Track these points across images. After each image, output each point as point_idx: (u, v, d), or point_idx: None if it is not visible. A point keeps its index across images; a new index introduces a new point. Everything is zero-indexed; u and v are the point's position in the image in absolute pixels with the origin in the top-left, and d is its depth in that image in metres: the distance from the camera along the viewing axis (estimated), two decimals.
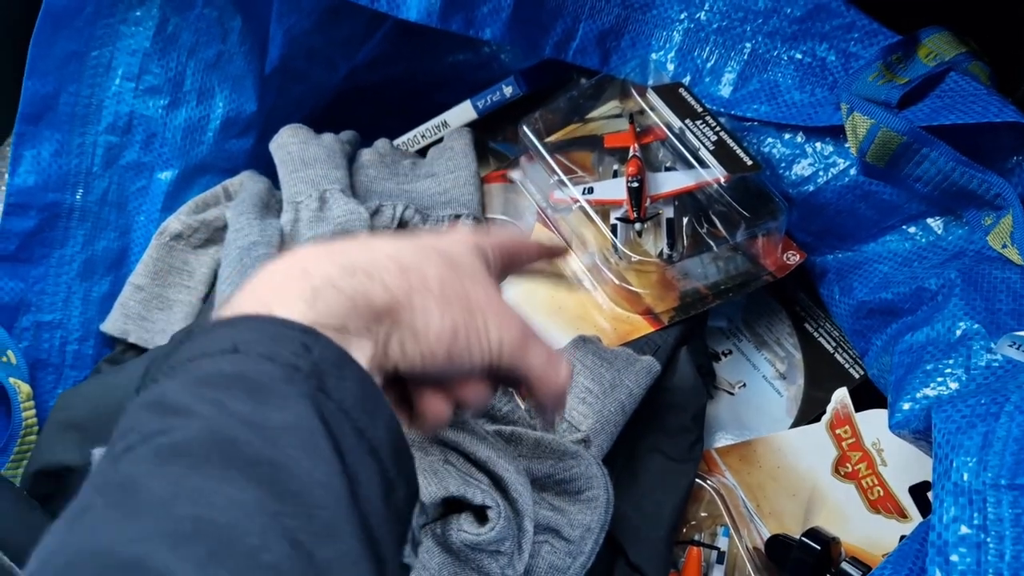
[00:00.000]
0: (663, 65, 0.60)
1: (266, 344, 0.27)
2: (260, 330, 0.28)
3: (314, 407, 0.26)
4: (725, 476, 0.57)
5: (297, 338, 0.28)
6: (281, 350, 0.27)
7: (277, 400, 0.26)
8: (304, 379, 0.27)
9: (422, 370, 0.33)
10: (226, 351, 0.27)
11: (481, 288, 0.34)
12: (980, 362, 0.45)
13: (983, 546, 0.35)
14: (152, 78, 0.60)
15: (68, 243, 0.60)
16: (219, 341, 0.28)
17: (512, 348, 0.34)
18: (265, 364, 0.27)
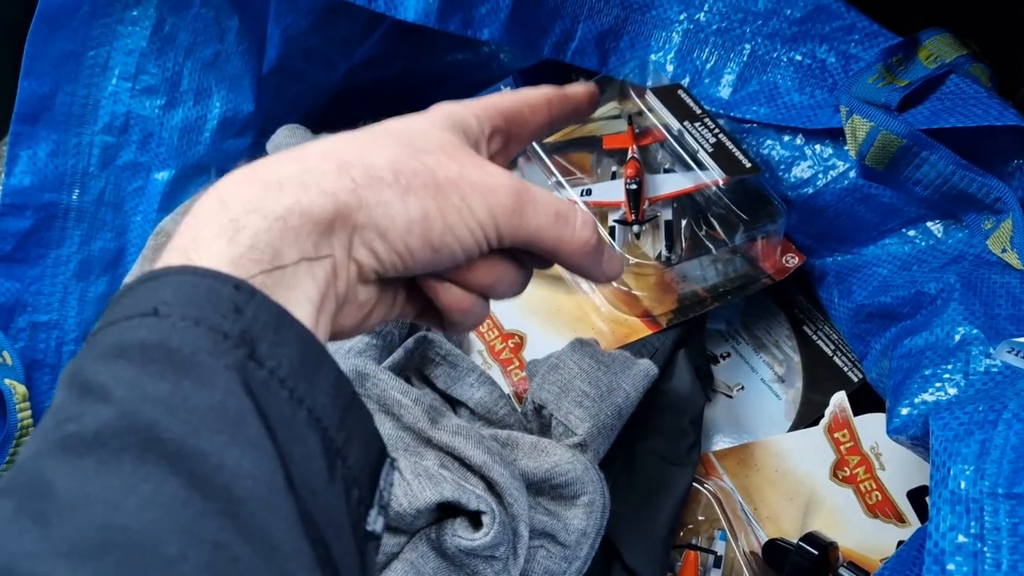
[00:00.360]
0: (662, 66, 0.60)
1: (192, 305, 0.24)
2: (186, 287, 0.24)
3: (242, 381, 0.23)
4: (723, 479, 0.57)
5: (228, 296, 0.24)
6: (209, 312, 0.24)
7: (200, 374, 0.23)
8: (233, 347, 0.23)
9: (406, 268, 0.29)
10: (146, 314, 0.24)
11: (451, 161, 0.29)
12: (979, 368, 0.45)
13: (980, 555, 0.34)
14: (149, 78, 0.60)
15: (64, 243, 0.60)
16: (140, 302, 0.24)
17: (505, 217, 0.30)
18: (189, 331, 0.23)
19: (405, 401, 0.47)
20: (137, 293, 0.24)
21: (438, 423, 0.48)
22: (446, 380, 0.51)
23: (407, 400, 0.47)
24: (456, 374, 0.51)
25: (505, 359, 0.57)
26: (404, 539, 0.45)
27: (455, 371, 0.51)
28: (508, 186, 0.30)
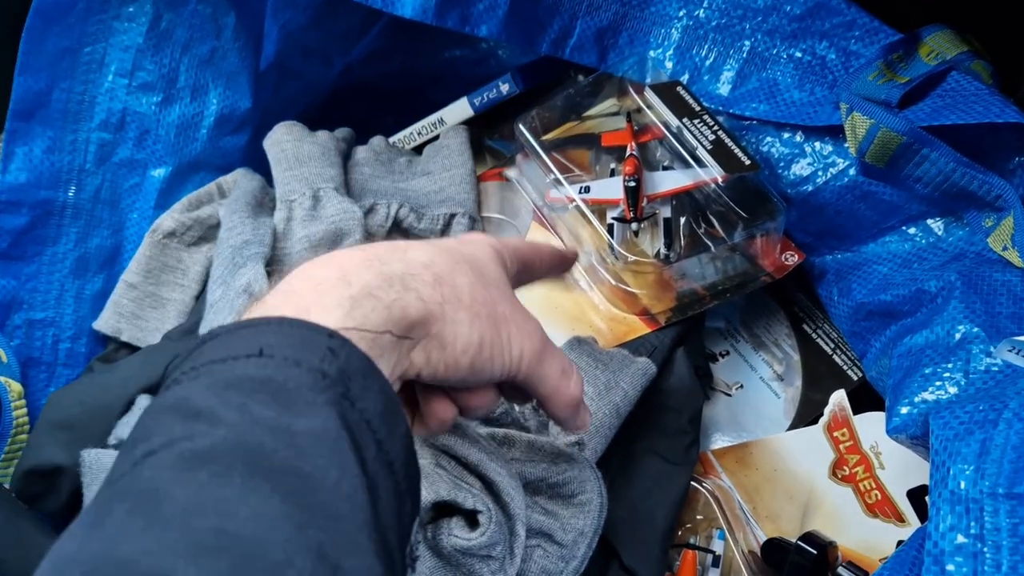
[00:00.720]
0: (661, 63, 0.59)
1: (293, 348, 0.27)
2: (287, 334, 0.28)
3: (339, 415, 0.26)
4: (721, 478, 0.56)
5: (324, 343, 0.27)
6: (308, 355, 0.27)
7: (303, 406, 0.26)
8: (330, 385, 0.27)
9: (442, 379, 0.33)
10: (252, 355, 0.27)
11: (506, 299, 0.35)
12: (979, 366, 0.45)
13: (980, 556, 0.34)
14: (145, 74, 0.59)
15: (61, 240, 0.60)
16: (245, 344, 0.27)
17: (531, 361, 0.35)
18: (291, 369, 0.26)
19: None
20: (240, 336, 0.28)
21: None
22: None
23: None
24: None
25: None
26: None
27: None
28: (539, 334, 0.36)
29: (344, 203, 0.55)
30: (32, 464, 0.52)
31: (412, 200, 0.59)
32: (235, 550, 0.22)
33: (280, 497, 0.23)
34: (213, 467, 0.24)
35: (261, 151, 0.62)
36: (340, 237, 0.54)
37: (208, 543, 0.22)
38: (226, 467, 0.24)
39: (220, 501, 0.23)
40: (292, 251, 0.54)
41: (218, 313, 0.50)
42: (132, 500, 0.23)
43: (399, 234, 0.59)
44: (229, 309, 0.50)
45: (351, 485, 0.25)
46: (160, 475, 0.24)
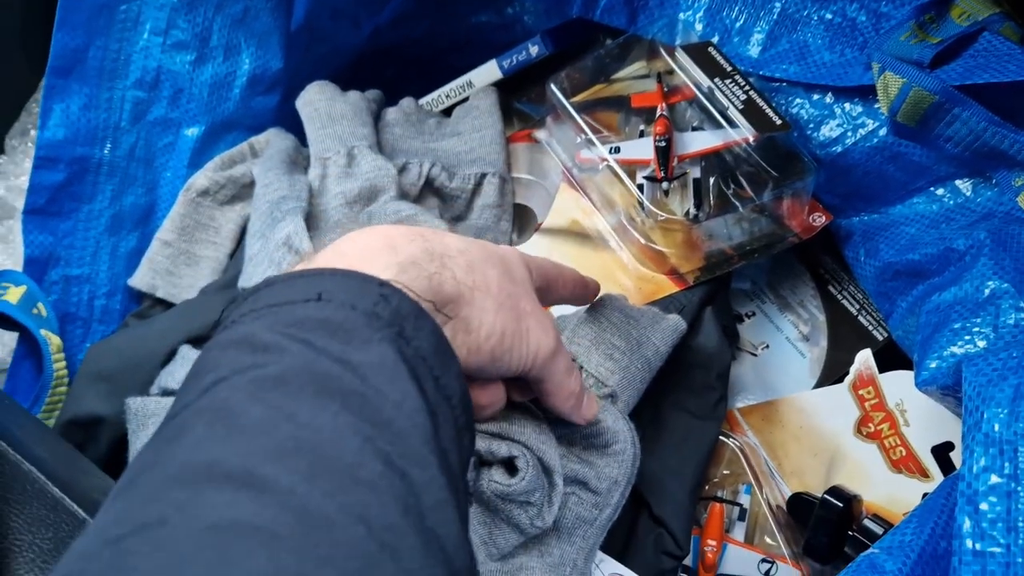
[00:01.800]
0: (691, 25, 0.60)
1: (348, 294, 0.29)
2: (341, 282, 0.30)
3: (396, 350, 0.28)
4: (748, 435, 0.57)
5: (376, 290, 0.30)
6: (362, 300, 0.29)
7: (361, 342, 0.28)
8: (385, 325, 0.29)
9: (464, 365, 0.34)
10: (310, 299, 0.29)
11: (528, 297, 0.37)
12: (1009, 320, 0.45)
13: (1014, 495, 0.35)
14: (179, 33, 0.60)
15: (96, 198, 0.60)
16: (302, 290, 0.29)
17: (544, 356, 0.37)
18: (348, 311, 0.28)
19: None
20: (297, 284, 0.30)
21: None
22: None
23: None
24: None
25: None
26: None
27: None
28: (555, 332, 0.39)
29: (379, 160, 0.56)
30: (72, 415, 0.53)
31: (443, 160, 0.60)
32: (312, 453, 0.23)
33: (348, 413, 0.25)
34: (284, 388, 0.25)
35: (292, 113, 0.63)
36: (375, 193, 0.55)
37: (287, 446, 0.23)
38: (297, 388, 0.25)
39: (293, 415, 0.25)
40: (328, 207, 0.55)
41: (257, 266, 0.51)
42: (208, 416, 0.25)
43: (431, 193, 0.60)
44: (268, 262, 0.50)
45: (412, 407, 0.27)
46: (235, 395, 0.25)
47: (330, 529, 0.22)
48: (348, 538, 0.22)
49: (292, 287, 0.30)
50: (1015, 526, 0.34)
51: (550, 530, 0.47)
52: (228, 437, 0.24)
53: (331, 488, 0.23)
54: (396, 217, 0.52)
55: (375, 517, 0.23)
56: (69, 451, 0.42)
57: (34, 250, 0.59)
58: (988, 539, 0.35)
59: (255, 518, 0.21)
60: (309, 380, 0.26)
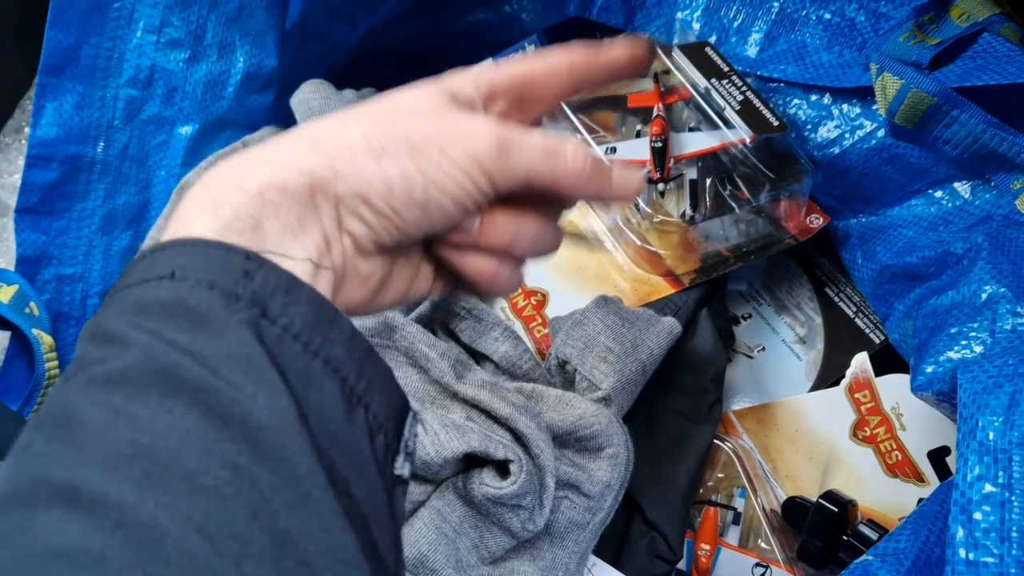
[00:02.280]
0: (689, 24, 0.59)
1: (205, 270, 0.25)
2: (200, 255, 0.26)
3: (255, 334, 0.25)
4: (743, 438, 0.57)
5: (239, 264, 0.26)
6: (221, 277, 0.25)
7: (215, 327, 0.25)
8: (245, 307, 0.25)
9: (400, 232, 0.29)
10: (163, 277, 0.25)
11: (425, 120, 0.30)
12: (1006, 325, 0.45)
13: (1007, 504, 0.35)
14: (173, 31, 0.59)
15: (89, 196, 0.60)
16: (157, 266, 0.26)
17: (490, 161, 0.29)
18: (203, 291, 0.25)
19: (432, 355, 0.47)
20: (153, 259, 0.26)
21: (464, 377, 0.48)
22: (471, 334, 0.51)
23: (434, 354, 0.47)
24: (481, 328, 0.51)
25: (527, 316, 0.57)
26: (431, 488, 0.46)
27: (480, 325, 0.51)
28: (487, 132, 0.30)
29: None
30: None
31: None
32: (149, 458, 0.22)
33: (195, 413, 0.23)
34: (126, 387, 0.23)
35: (286, 111, 0.62)
36: None
37: (122, 452, 0.22)
38: (140, 387, 0.23)
39: (133, 417, 0.22)
40: None
41: None
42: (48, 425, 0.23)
43: None
44: None
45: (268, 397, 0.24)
46: (73, 399, 0.23)
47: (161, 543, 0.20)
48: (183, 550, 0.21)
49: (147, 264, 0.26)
50: (1008, 536, 0.34)
51: (542, 534, 0.46)
52: (62, 448, 0.22)
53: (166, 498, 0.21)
54: None
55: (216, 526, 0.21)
56: None
57: (26, 249, 0.59)
58: (981, 549, 0.35)
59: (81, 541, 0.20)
60: (153, 377, 0.23)
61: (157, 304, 0.25)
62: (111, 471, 0.21)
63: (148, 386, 0.23)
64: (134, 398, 0.23)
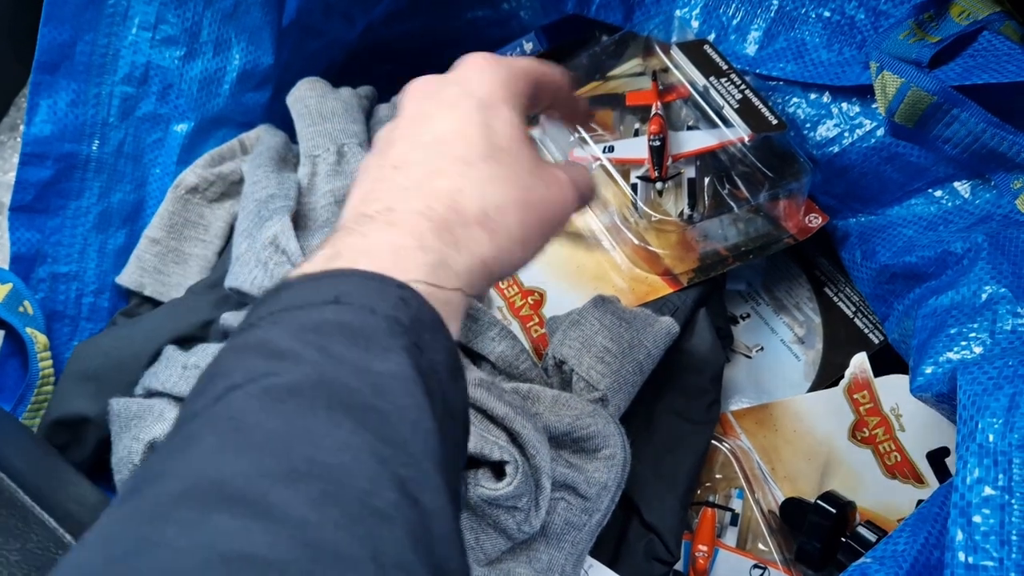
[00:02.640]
0: (687, 22, 0.59)
1: (366, 296, 0.28)
2: (360, 283, 0.29)
3: (412, 362, 0.27)
4: (741, 439, 0.57)
5: (395, 292, 0.28)
6: (381, 303, 0.28)
7: (380, 350, 0.26)
8: (404, 332, 0.27)
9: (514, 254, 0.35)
10: (328, 301, 0.28)
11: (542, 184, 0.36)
12: (1006, 326, 0.45)
13: (1007, 507, 0.34)
14: (169, 28, 0.59)
15: (84, 194, 0.60)
16: (320, 292, 0.28)
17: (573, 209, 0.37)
18: (367, 316, 0.27)
19: None
20: (316, 286, 0.29)
21: None
22: (467, 333, 0.51)
23: None
24: (478, 328, 0.51)
25: (525, 315, 0.56)
26: None
27: (476, 325, 0.51)
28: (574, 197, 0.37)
29: None
30: (58, 415, 0.52)
31: None
32: (325, 476, 0.22)
33: (363, 431, 0.24)
34: (299, 400, 0.24)
35: (283, 109, 0.62)
36: None
37: (300, 469, 0.22)
38: (311, 401, 0.24)
39: (307, 431, 0.23)
40: (316, 206, 0.54)
41: (244, 265, 0.50)
42: (220, 427, 0.24)
43: None
44: (255, 261, 0.50)
45: (426, 427, 0.26)
46: (248, 405, 0.24)
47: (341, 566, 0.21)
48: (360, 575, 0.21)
49: (311, 289, 0.29)
50: (1008, 540, 0.34)
51: (538, 535, 0.46)
52: (239, 453, 0.23)
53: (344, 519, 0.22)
54: None
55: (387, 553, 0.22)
56: (47, 457, 0.41)
57: (21, 247, 0.58)
58: (981, 552, 0.34)
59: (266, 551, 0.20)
60: (324, 392, 0.25)
61: (325, 325, 0.27)
62: (292, 485, 0.22)
63: (318, 399, 0.24)
64: (306, 411, 0.24)
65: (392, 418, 0.25)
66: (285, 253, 0.49)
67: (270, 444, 0.23)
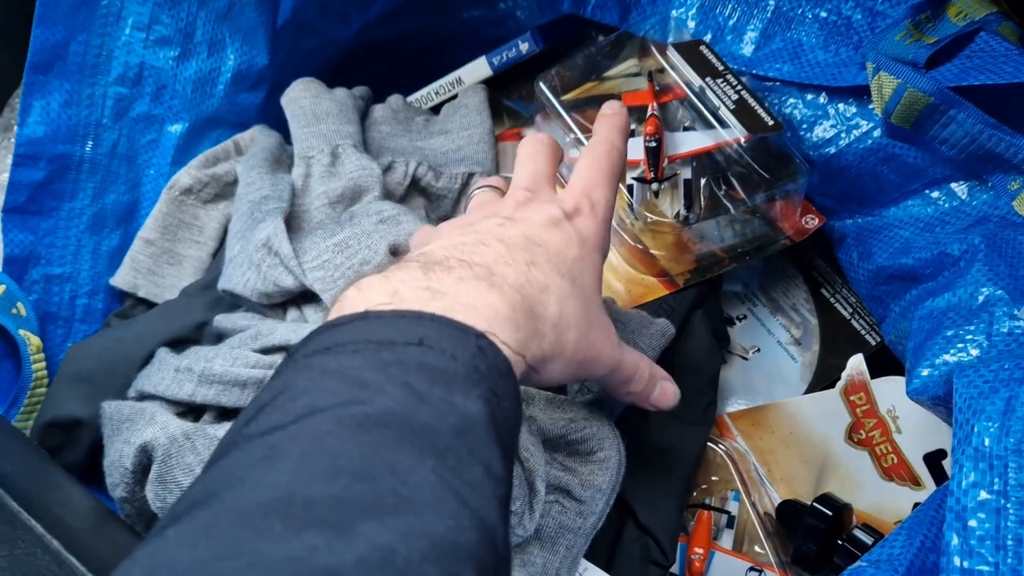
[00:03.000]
0: (684, 22, 0.59)
1: (449, 342, 0.30)
2: (442, 329, 0.30)
3: (489, 410, 0.29)
4: (737, 441, 0.56)
5: (473, 342, 0.30)
6: (462, 351, 0.30)
7: (460, 395, 0.28)
8: (482, 380, 0.29)
9: None
10: (412, 343, 0.29)
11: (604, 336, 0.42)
12: (1003, 328, 0.44)
13: (1003, 511, 0.34)
14: (162, 28, 0.59)
15: (78, 196, 0.60)
16: (403, 331, 0.30)
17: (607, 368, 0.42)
18: (449, 361, 0.29)
19: None
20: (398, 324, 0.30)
21: None
22: None
23: None
24: None
25: None
26: None
27: None
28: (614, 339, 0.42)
29: (363, 159, 0.55)
30: (51, 417, 0.52)
31: (430, 159, 0.59)
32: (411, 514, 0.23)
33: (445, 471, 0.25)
34: (384, 432, 0.25)
35: (277, 109, 0.62)
36: (359, 193, 0.54)
37: (387, 502, 0.23)
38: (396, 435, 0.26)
39: (393, 465, 0.25)
40: (311, 207, 0.54)
41: (237, 267, 0.50)
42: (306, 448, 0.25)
43: (417, 192, 0.59)
44: (248, 263, 0.49)
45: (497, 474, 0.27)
46: (334, 430, 0.25)
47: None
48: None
49: (391, 326, 0.30)
50: (1004, 544, 0.34)
51: (532, 538, 0.46)
52: (328, 477, 0.24)
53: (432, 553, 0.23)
54: (378, 217, 0.51)
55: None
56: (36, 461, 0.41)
57: (14, 249, 0.58)
58: (976, 557, 0.34)
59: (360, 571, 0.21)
60: (408, 428, 0.26)
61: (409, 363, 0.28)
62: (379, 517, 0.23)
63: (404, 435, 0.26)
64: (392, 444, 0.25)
65: (470, 461, 0.26)
66: (278, 255, 0.49)
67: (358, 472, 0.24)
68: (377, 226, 0.50)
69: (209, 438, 0.43)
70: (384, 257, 0.48)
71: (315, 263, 0.49)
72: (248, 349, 0.47)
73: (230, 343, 0.49)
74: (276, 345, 0.47)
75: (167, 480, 0.42)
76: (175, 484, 0.42)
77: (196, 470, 0.42)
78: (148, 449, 0.43)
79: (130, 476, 0.44)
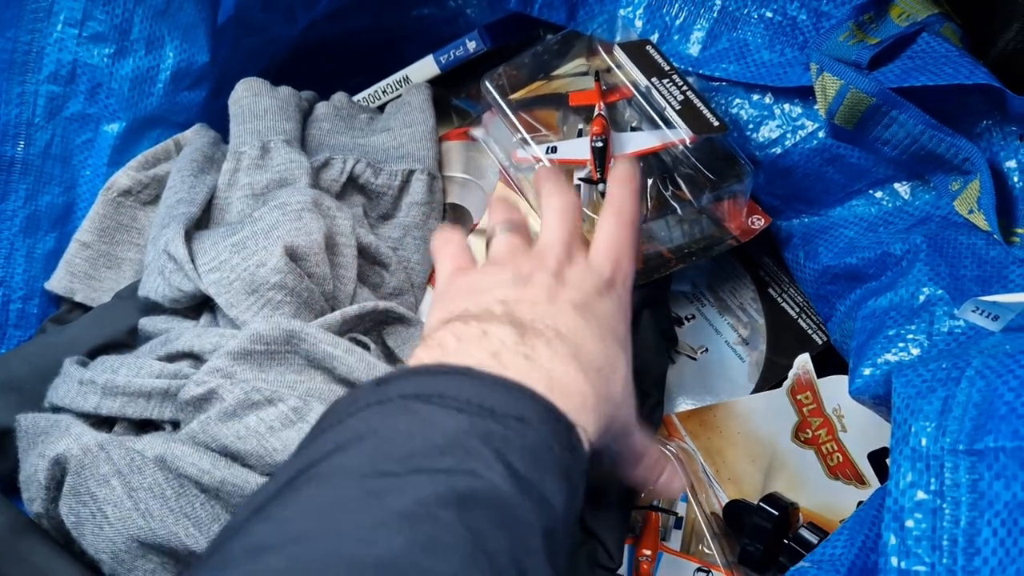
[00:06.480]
0: (631, 21, 0.58)
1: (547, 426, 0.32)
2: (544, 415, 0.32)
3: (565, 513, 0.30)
4: (685, 441, 0.56)
5: (566, 434, 0.32)
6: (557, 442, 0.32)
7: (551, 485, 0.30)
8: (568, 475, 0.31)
9: None
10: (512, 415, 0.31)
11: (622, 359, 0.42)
12: (943, 328, 0.45)
13: (939, 512, 0.34)
14: (97, 24, 0.57)
15: (9, 198, 0.58)
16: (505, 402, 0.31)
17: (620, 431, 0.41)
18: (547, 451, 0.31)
19: (336, 352, 0.46)
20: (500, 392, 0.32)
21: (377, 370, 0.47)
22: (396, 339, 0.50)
23: (338, 351, 0.46)
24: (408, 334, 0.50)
25: None
26: None
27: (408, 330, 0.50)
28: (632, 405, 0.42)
29: (292, 154, 0.54)
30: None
31: (370, 155, 0.58)
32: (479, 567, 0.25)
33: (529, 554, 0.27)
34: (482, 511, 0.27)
35: (220, 107, 0.60)
36: (283, 185, 0.53)
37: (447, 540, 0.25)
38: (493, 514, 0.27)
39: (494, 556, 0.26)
40: (233, 199, 0.53)
41: (150, 275, 0.49)
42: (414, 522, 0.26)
43: (355, 190, 0.58)
44: (157, 270, 0.48)
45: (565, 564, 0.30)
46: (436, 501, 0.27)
47: None
48: None
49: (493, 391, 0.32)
50: (940, 544, 0.34)
51: None
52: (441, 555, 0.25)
53: None
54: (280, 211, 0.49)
55: None
56: None
57: None
58: (913, 557, 0.34)
59: None
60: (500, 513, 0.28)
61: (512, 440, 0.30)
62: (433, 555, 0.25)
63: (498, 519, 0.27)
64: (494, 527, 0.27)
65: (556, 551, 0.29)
66: (174, 260, 0.48)
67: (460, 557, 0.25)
68: (277, 222, 0.49)
69: (125, 448, 0.41)
70: (280, 259, 0.47)
71: (211, 265, 0.48)
72: (154, 357, 0.46)
73: (139, 351, 0.48)
74: (181, 351, 0.46)
75: (80, 492, 0.41)
76: (89, 496, 0.41)
77: (111, 481, 0.40)
78: (61, 461, 0.42)
79: (44, 491, 0.42)
